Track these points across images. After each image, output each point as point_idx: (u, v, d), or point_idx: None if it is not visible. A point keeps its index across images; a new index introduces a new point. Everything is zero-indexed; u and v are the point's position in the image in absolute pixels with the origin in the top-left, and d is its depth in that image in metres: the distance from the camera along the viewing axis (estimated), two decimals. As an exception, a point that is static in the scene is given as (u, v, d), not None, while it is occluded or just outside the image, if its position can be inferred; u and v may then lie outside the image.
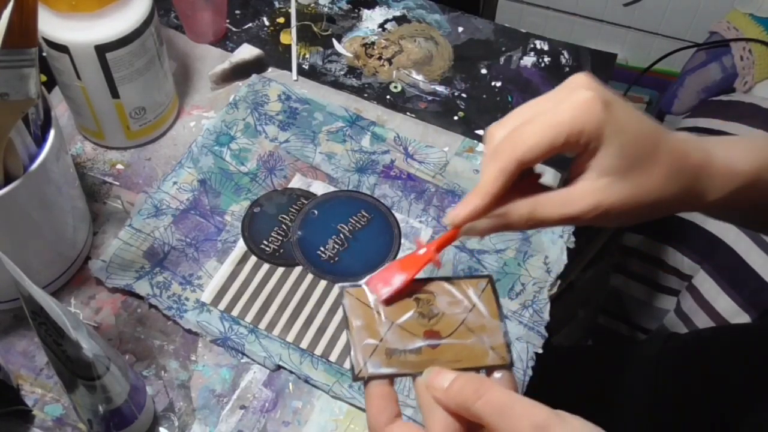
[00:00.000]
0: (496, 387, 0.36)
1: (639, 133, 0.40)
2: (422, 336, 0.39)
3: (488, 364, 0.40)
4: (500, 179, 0.39)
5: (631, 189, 0.40)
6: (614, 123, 0.39)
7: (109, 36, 0.58)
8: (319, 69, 0.76)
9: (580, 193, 0.40)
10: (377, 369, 0.38)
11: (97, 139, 0.67)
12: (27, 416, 0.53)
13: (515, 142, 0.39)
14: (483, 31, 0.80)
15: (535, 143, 0.38)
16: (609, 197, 0.40)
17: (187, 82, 0.73)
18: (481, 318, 0.41)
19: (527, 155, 0.38)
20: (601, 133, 0.38)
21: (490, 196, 0.39)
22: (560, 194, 0.41)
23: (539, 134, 0.38)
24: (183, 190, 0.65)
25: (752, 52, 1.07)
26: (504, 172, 0.39)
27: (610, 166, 0.39)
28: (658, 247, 0.99)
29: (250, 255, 0.61)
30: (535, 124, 0.39)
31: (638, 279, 1.05)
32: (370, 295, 0.40)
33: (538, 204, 0.41)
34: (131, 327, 0.57)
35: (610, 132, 0.39)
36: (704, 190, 0.43)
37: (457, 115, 0.73)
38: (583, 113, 0.38)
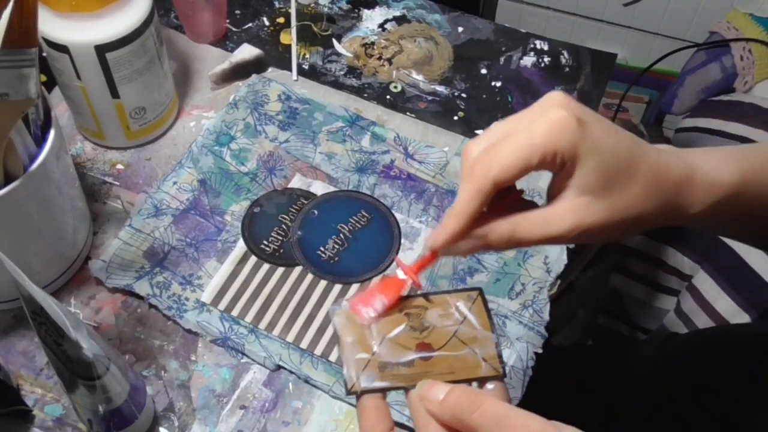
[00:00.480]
0: (491, 399, 0.36)
1: (616, 151, 0.39)
2: (414, 349, 0.40)
3: (481, 375, 0.40)
4: (475, 200, 0.39)
5: (611, 207, 0.40)
6: (589, 142, 0.38)
7: (109, 36, 0.58)
8: (319, 69, 0.76)
9: (559, 213, 0.40)
10: (370, 383, 0.38)
11: (97, 139, 0.67)
12: (27, 416, 0.53)
13: (489, 162, 0.38)
14: (483, 31, 0.80)
15: (508, 163, 0.38)
16: (588, 216, 0.40)
17: (187, 82, 0.73)
18: (473, 330, 0.41)
19: (501, 175, 0.38)
20: (576, 152, 0.38)
21: (466, 217, 0.39)
22: (540, 214, 0.41)
23: (513, 154, 0.38)
24: (183, 190, 0.65)
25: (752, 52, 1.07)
26: (479, 192, 0.39)
27: (588, 185, 0.39)
28: (658, 247, 0.99)
29: (250, 255, 0.61)
30: (509, 143, 0.38)
31: (638, 279, 1.05)
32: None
33: (518, 225, 0.40)
34: (131, 327, 0.57)
35: (585, 151, 0.38)
36: (686, 203, 0.42)
37: (457, 115, 0.73)
38: (557, 133, 0.38)
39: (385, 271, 0.60)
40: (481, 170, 0.38)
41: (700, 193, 0.43)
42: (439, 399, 0.36)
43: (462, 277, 0.61)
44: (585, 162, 0.39)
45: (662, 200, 0.41)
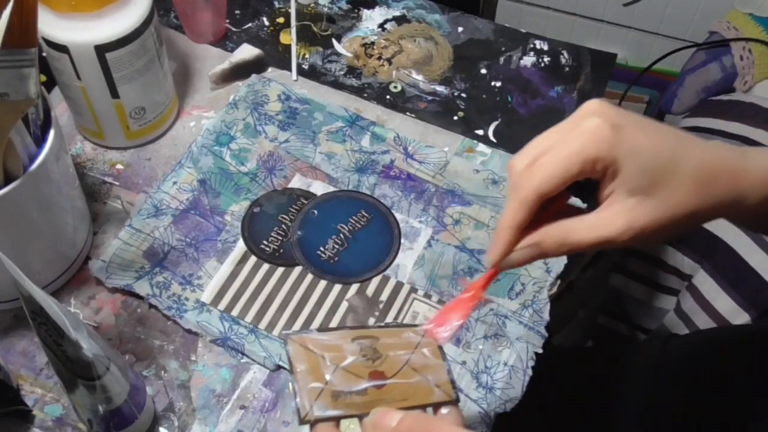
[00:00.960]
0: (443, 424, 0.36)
1: (655, 151, 0.40)
2: (367, 377, 0.40)
3: (434, 401, 0.40)
4: (521, 211, 0.41)
5: (661, 205, 0.41)
6: (627, 145, 0.40)
7: (109, 36, 0.58)
8: (318, 69, 0.76)
9: (610, 215, 0.41)
10: (323, 411, 0.38)
11: (97, 139, 0.67)
12: (27, 416, 0.53)
13: (533, 174, 0.40)
14: (483, 31, 0.80)
15: (549, 174, 0.40)
16: (640, 216, 0.41)
17: (187, 82, 0.73)
18: (424, 358, 0.42)
19: (544, 186, 0.40)
20: (615, 156, 0.39)
21: (515, 228, 0.41)
22: (592, 218, 0.42)
23: (554, 165, 0.40)
24: (183, 190, 0.65)
25: (752, 52, 1.07)
26: (524, 203, 0.40)
27: (634, 186, 0.40)
28: (658, 247, 0.99)
29: (250, 255, 0.61)
30: (550, 155, 0.40)
31: (638, 279, 1.05)
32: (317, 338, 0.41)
33: (570, 229, 0.42)
34: (131, 327, 0.57)
35: (624, 155, 0.40)
36: (742, 195, 0.42)
37: (456, 115, 0.73)
38: (593, 141, 0.39)
39: (385, 271, 0.61)
40: (525, 182, 0.40)
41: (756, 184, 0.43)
42: (392, 426, 0.37)
43: (462, 276, 0.61)
44: (627, 165, 0.40)
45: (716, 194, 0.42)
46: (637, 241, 0.42)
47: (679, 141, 0.42)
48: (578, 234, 0.42)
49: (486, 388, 0.55)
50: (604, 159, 0.40)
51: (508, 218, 0.42)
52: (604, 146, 0.40)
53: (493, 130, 0.72)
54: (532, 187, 0.40)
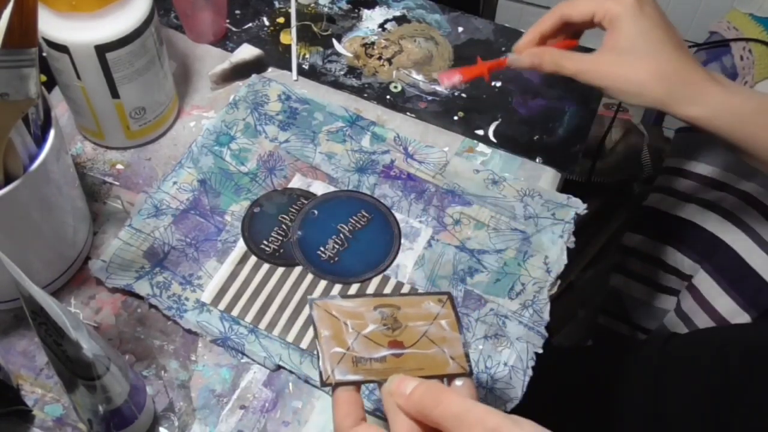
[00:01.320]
0: (453, 395, 0.38)
1: (656, 25, 0.57)
2: (386, 346, 0.42)
3: (449, 372, 0.42)
4: (547, 21, 0.59)
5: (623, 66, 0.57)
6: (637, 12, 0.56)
7: (109, 36, 0.58)
8: (319, 69, 0.76)
9: (598, 59, 0.58)
10: (344, 376, 0.40)
11: (97, 139, 0.67)
12: (27, 416, 0.53)
13: (565, 3, 0.59)
14: (483, 31, 0.80)
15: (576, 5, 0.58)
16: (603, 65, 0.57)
17: (187, 82, 0.73)
18: (442, 331, 0.44)
19: (567, 11, 0.59)
20: (626, 16, 0.56)
21: (538, 32, 0.60)
22: (586, 57, 0.58)
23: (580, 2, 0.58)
24: (183, 190, 0.65)
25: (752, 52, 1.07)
26: (551, 18, 0.59)
27: (626, 46, 0.56)
28: (658, 247, 0.99)
29: (250, 255, 0.61)
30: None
31: (638, 279, 1.05)
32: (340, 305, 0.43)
33: (566, 56, 0.59)
34: (131, 327, 0.57)
35: (632, 18, 0.56)
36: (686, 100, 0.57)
37: (457, 115, 0.73)
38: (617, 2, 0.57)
39: (385, 271, 0.61)
40: (557, 8, 0.59)
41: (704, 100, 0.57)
42: (406, 393, 0.39)
43: (462, 276, 0.61)
44: (629, 25, 0.56)
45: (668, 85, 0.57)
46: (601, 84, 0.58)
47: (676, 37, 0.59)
48: (571, 62, 0.58)
49: (486, 388, 0.55)
50: (620, 14, 0.56)
51: (536, 25, 0.60)
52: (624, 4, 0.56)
53: (493, 130, 0.72)
54: (560, 9, 0.59)
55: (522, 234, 0.63)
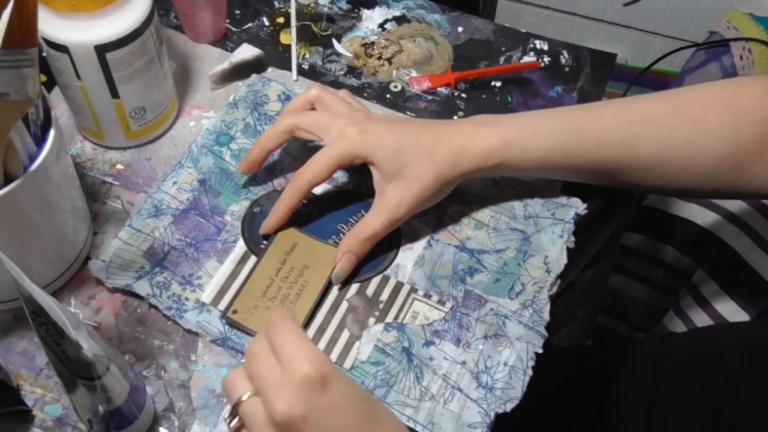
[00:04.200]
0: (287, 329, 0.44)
1: (395, 142, 0.56)
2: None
3: None
4: (296, 196, 0.59)
5: (412, 181, 0.57)
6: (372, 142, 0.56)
7: (109, 36, 0.58)
8: (319, 69, 0.76)
9: (383, 202, 0.57)
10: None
11: (97, 139, 0.67)
12: (27, 416, 0.53)
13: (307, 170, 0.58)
14: (483, 31, 0.80)
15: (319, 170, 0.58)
16: (402, 194, 0.57)
17: (187, 82, 0.73)
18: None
19: (315, 179, 0.58)
20: (366, 153, 0.56)
21: (288, 209, 0.59)
22: (372, 213, 0.58)
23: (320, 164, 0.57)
24: (183, 190, 0.65)
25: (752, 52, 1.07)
26: (299, 191, 0.58)
27: (387, 173, 0.57)
28: (658, 247, 0.99)
29: (249, 255, 0.61)
30: (319, 156, 0.57)
31: (638, 279, 1.05)
32: None
33: (363, 229, 0.58)
34: (131, 327, 0.58)
35: (372, 151, 0.56)
36: (461, 164, 0.58)
37: (456, 115, 0.73)
38: (347, 144, 0.56)
39: (385, 271, 0.61)
40: (300, 176, 0.58)
41: (489, 141, 0.58)
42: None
43: (462, 276, 0.61)
44: (376, 157, 0.56)
45: (446, 164, 0.57)
46: (413, 212, 0.58)
47: (419, 131, 0.57)
48: (370, 228, 0.57)
49: (486, 388, 0.55)
50: (359, 154, 0.56)
51: (284, 201, 0.59)
52: (356, 147, 0.56)
53: (493, 130, 0.72)
54: (306, 180, 0.57)
55: (522, 234, 0.63)
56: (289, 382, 0.41)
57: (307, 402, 0.41)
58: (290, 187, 0.58)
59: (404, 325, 0.58)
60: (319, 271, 0.59)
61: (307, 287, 0.58)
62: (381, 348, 0.56)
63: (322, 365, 0.42)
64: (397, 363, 0.56)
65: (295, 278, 0.59)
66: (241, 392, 0.44)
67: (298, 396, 0.41)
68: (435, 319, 0.58)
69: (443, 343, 0.57)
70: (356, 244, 0.58)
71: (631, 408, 0.75)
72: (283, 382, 0.42)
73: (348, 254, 0.58)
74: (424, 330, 0.58)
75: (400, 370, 0.55)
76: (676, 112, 0.56)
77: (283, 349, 0.43)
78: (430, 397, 0.54)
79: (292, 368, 0.41)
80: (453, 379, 0.55)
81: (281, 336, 0.43)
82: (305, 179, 0.57)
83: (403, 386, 0.55)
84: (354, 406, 0.43)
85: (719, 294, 0.91)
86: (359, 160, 0.56)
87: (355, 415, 0.43)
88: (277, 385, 0.42)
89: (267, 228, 0.60)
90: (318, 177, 0.57)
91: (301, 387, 0.41)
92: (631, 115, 0.57)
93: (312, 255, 0.60)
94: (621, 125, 0.57)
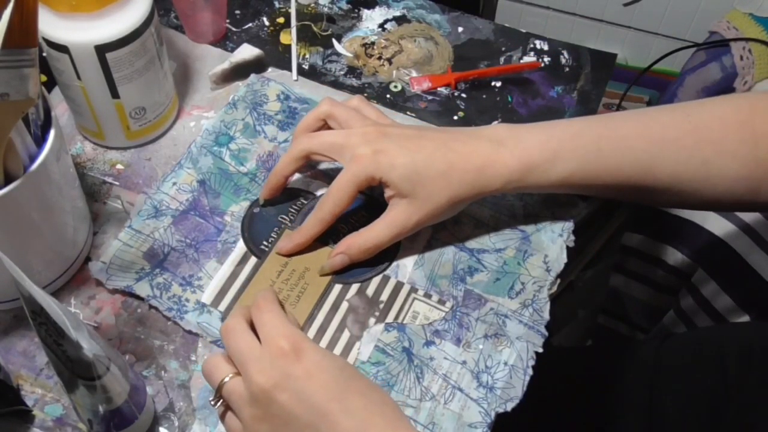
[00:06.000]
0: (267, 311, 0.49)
1: (409, 162, 0.55)
2: None
3: None
4: (320, 226, 0.58)
5: (425, 201, 0.56)
6: (386, 162, 0.55)
7: (109, 36, 0.58)
8: (319, 69, 0.76)
9: (393, 216, 0.57)
10: None
11: (97, 139, 0.67)
12: (27, 416, 0.53)
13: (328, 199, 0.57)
14: (483, 31, 0.80)
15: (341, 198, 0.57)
16: (413, 212, 0.56)
17: (187, 82, 0.73)
18: None
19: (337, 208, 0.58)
20: (380, 173, 0.55)
21: (311, 238, 0.59)
22: (381, 223, 0.58)
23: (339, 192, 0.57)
24: (182, 191, 0.65)
25: (752, 52, 1.07)
26: (323, 221, 0.58)
27: (400, 192, 0.56)
28: (658, 247, 0.99)
29: (249, 256, 0.61)
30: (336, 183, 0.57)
31: (638, 279, 1.06)
32: None
33: (368, 237, 0.58)
34: (131, 327, 0.57)
35: (386, 170, 0.55)
36: (488, 184, 0.56)
37: (456, 115, 0.73)
38: (361, 166, 0.55)
39: (385, 271, 0.61)
40: (323, 206, 0.57)
41: (508, 165, 0.56)
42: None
43: (462, 276, 0.61)
44: (390, 177, 0.55)
45: (464, 184, 0.56)
46: (420, 227, 0.58)
47: (435, 149, 0.56)
48: (377, 238, 0.57)
49: (486, 387, 0.55)
50: (373, 175, 0.55)
51: (306, 230, 0.59)
52: (370, 168, 0.55)
53: (493, 130, 0.72)
54: (329, 210, 0.57)
55: (522, 233, 0.63)
56: (267, 356, 0.45)
57: (283, 371, 0.45)
58: (314, 217, 0.58)
59: (404, 325, 0.58)
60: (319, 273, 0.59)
61: (307, 290, 0.58)
62: (381, 348, 0.56)
63: (295, 339, 0.46)
64: (398, 363, 0.56)
65: (296, 281, 0.59)
66: (222, 374, 0.47)
67: (273, 367, 0.45)
68: (435, 319, 0.58)
69: (443, 342, 0.57)
70: (356, 250, 0.58)
71: (631, 408, 0.75)
72: (261, 356, 0.46)
73: (344, 256, 0.58)
74: (425, 330, 0.58)
75: (401, 370, 0.55)
76: (696, 132, 0.55)
77: (264, 327, 0.47)
78: (430, 397, 0.54)
79: (269, 342, 0.46)
80: (453, 378, 0.55)
81: (263, 315, 0.48)
82: (328, 210, 0.57)
83: (404, 386, 0.55)
84: (329, 373, 0.45)
85: (719, 294, 0.91)
86: (374, 181, 0.56)
87: (333, 381, 0.45)
88: (256, 359, 0.46)
89: (284, 251, 0.60)
90: (339, 206, 0.57)
91: (276, 359, 0.45)
92: (652, 135, 0.56)
93: (313, 258, 0.60)
94: (641, 146, 0.56)
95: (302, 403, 0.44)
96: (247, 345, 0.47)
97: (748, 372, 0.69)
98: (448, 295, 0.60)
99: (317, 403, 0.44)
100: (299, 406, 0.44)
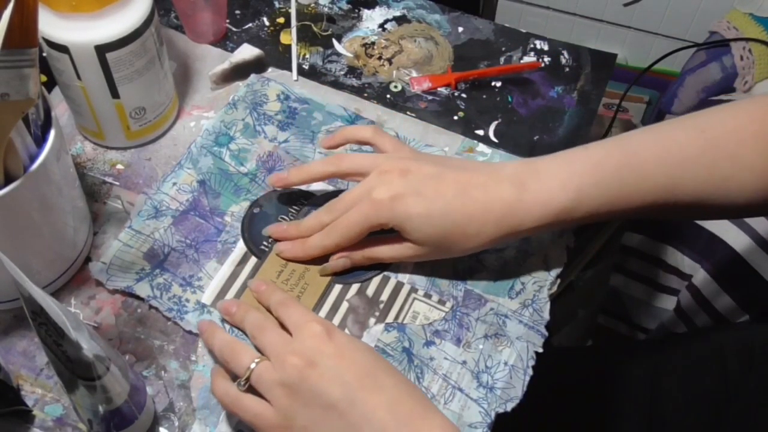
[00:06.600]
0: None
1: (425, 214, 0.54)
2: None
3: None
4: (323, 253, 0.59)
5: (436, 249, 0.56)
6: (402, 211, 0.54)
7: (109, 36, 0.58)
8: (319, 69, 0.76)
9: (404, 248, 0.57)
10: None
11: (97, 139, 0.67)
12: (27, 416, 0.53)
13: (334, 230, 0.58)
14: (483, 31, 0.80)
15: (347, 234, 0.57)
16: (422, 254, 0.57)
17: (187, 82, 0.73)
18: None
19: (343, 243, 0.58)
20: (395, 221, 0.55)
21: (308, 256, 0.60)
22: (392, 246, 0.58)
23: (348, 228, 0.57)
24: (182, 191, 0.65)
25: (752, 52, 1.07)
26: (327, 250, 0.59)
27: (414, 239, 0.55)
28: (658, 247, 0.99)
29: (249, 256, 0.61)
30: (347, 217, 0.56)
31: (638, 279, 1.05)
32: None
33: (375, 251, 0.58)
34: (131, 327, 0.58)
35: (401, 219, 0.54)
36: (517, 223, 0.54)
37: (456, 115, 0.73)
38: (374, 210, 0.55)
39: (385, 271, 0.61)
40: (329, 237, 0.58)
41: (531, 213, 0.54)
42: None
43: (462, 276, 0.61)
44: (405, 226, 0.54)
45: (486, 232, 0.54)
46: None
47: (453, 197, 0.54)
48: (384, 253, 0.58)
49: (486, 387, 0.55)
50: (387, 222, 0.55)
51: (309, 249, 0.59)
52: (384, 214, 0.54)
53: (494, 130, 0.72)
54: (334, 242, 0.57)
55: (522, 234, 0.63)
56: (299, 341, 0.49)
57: (316, 350, 0.48)
58: (320, 240, 0.58)
59: (404, 325, 0.58)
60: (319, 274, 0.59)
61: (307, 290, 0.58)
62: (381, 348, 0.56)
63: (326, 323, 0.50)
64: (398, 363, 0.56)
65: (296, 281, 0.59)
66: (250, 358, 0.49)
67: (306, 348, 0.48)
68: (435, 319, 0.58)
69: (443, 343, 0.57)
70: (359, 256, 0.58)
71: (632, 408, 0.75)
72: (294, 341, 0.49)
73: (346, 259, 0.58)
74: (425, 330, 0.58)
75: (401, 371, 0.55)
76: (713, 148, 0.54)
77: (291, 318, 0.51)
78: (430, 397, 0.54)
79: (302, 327, 0.50)
80: (453, 378, 0.55)
81: (289, 310, 0.52)
82: (333, 242, 0.57)
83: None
84: (360, 353, 0.49)
85: (720, 294, 0.91)
86: (387, 226, 0.55)
87: (363, 360, 0.48)
88: (289, 343, 0.49)
89: (283, 256, 0.60)
90: (346, 241, 0.57)
91: (309, 339, 0.49)
92: (671, 158, 0.54)
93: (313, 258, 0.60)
94: (662, 171, 0.54)
95: (335, 379, 0.47)
96: (279, 336, 0.50)
97: (748, 372, 0.69)
98: (448, 295, 0.60)
99: (349, 380, 0.47)
100: (332, 382, 0.46)
